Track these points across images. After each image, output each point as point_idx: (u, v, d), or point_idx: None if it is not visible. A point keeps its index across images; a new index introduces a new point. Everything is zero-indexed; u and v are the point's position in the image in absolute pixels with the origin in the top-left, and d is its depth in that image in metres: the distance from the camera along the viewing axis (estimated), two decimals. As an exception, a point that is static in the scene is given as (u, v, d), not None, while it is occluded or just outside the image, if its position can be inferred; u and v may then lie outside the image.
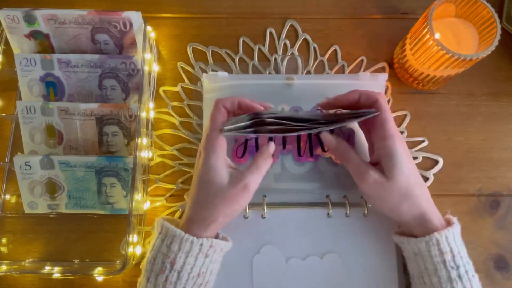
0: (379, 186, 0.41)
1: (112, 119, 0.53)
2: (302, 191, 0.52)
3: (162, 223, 0.42)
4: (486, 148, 0.56)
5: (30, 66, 0.54)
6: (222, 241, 0.42)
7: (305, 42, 0.60)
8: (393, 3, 0.61)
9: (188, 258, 0.39)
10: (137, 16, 0.53)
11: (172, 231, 0.40)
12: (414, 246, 0.42)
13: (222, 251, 0.43)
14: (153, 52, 0.58)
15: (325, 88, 0.53)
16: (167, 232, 0.41)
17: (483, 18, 0.50)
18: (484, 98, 0.58)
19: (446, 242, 0.40)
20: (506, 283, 0.52)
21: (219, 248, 0.42)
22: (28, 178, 0.52)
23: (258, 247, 0.50)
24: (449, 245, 0.40)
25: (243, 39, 0.60)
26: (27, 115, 0.53)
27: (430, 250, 0.40)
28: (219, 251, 0.42)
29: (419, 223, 0.42)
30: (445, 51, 0.47)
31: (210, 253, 0.41)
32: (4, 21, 0.53)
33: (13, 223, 0.54)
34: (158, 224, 0.42)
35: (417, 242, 0.41)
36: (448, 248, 0.40)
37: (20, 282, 0.52)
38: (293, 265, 0.49)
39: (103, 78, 0.54)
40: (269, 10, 0.61)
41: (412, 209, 0.42)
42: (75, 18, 0.53)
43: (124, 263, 0.45)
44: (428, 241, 0.40)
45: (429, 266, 0.41)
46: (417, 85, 0.57)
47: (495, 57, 0.56)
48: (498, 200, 0.55)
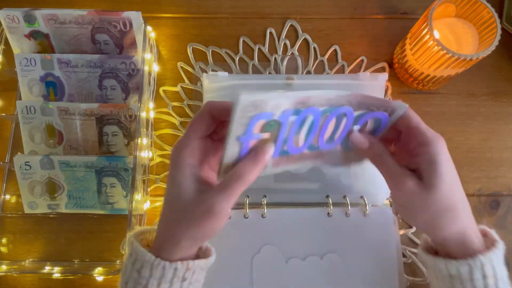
0: (417, 196, 0.36)
1: (112, 119, 0.53)
2: (302, 191, 0.52)
3: (132, 244, 0.36)
4: (486, 148, 0.56)
5: (30, 66, 0.54)
6: (201, 261, 0.37)
7: (305, 42, 0.60)
8: (393, 3, 0.61)
9: (161, 284, 0.35)
10: (137, 16, 0.53)
11: (141, 255, 0.35)
12: (452, 268, 0.37)
13: (203, 269, 0.38)
14: (153, 52, 0.58)
15: (325, 88, 0.53)
16: (136, 255, 0.36)
17: (483, 18, 0.50)
18: (484, 98, 0.58)
19: (490, 265, 0.36)
20: (506, 283, 0.52)
21: (199, 268, 0.37)
22: (28, 178, 0.52)
23: (258, 247, 0.50)
24: (494, 269, 0.36)
25: (243, 39, 0.60)
26: (27, 115, 0.53)
27: (472, 273, 0.36)
28: (198, 270, 0.37)
29: (459, 242, 0.37)
30: (445, 51, 0.47)
31: (188, 275, 0.36)
32: (4, 21, 0.53)
33: (13, 223, 0.54)
34: (128, 243, 0.37)
35: (459, 265, 0.36)
36: (492, 272, 0.36)
37: (20, 282, 0.52)
38: (293, 265, 0.49)
39: (103, 78, 0.54)
40: (269, 10, 0.61)
41: (452, 225, 0.36)
42: (75, 18, 0.53)
43: (124, 263, 0.45)
44: (471, 264, 0.36)
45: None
46: (417, 85, 0.57)
47: (495, 57, 0.56)
48: (498, 200, 0.55)
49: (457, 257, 0.37)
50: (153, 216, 0.54)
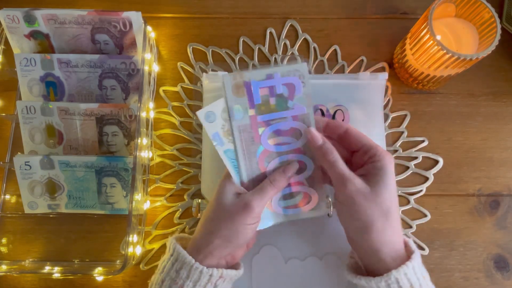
0: (362, 195, 0.39)
1: (112, 119, 0.53)
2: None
3: (175, 245, 0.41)
4: (486, 148, 0.56)
5: (30, 66, 0.54)
6: (232, 271, 0.42)
7: (305, 42, 0.60)
8: (393, 3, 0.61)
9: (196, 287, 0.39)
10: (137, 16, 0.53)
11: (182, 257, 0.40)
12: (373, 285, 0.39)
13: (231, 279, 0.43)
14: (153, 52, 0.58)
15: (325, 88, 0.53)
16: (177, 256, 0.40)
17: (483, 18, 0.50)
18: (484, 98, 0.58)
19: (405, 278, 0.38)
20: (506, 283, 0.52)
21: (229, 278, 0.41)
22: (28, 178, 0.52)
23: (257, 247, 0.50)
24: (409, 280, 0.38)
25: (243, 39, 0.60)
26: (27, 115, 0.53)
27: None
28: (228, 280, 0.42)
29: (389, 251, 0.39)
30: (445, 51, 0.47)
31: (219, 283, 0.40)
32: (4, 21, 0.53)
33: (13, 223, 0.54)
34: (170, 245, 0.42)
35: (377, 281, 0.39)
36: (408, 284, 0.38)
37: (20, 282, 0.52)
38: (293, 266, 0.49)
39: (103, 78, 0.54)
40: (269, 10, 0.61)
41: (386, 231, 0.39)
42: (75, 18, 0.53)
43: (124, 263, 0.45)
44: (386, 280, 0.38)
45: None
46: (417, 85, 0.57)
47: (495, 57, 0.57)
48: (498, 200, 0.55)
49: (375, 274, 0.39)
50: (153, 216, 0.54)
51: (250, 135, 0.42)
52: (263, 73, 0.41)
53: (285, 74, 0.41)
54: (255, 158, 0.43)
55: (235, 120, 0.41)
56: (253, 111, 0.42)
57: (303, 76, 0.41)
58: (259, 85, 0.41)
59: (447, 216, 0.54)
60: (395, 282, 0.38)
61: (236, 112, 0.41)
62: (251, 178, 0.43)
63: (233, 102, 0.41)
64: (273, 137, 0.43)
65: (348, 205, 0.40)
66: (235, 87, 0.41)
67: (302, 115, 0.42)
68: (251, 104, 0.41)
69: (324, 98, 0.53)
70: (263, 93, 0.41)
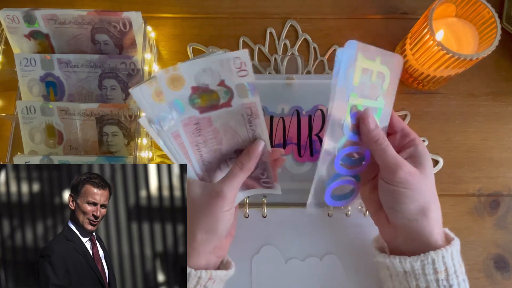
0: (416, 178, 0.39)
1: (112, 119, 0.53)
2: (302, 191, 0.52)
3: None
4: (486, 148, 0.56)
5: (30, 66, 0.54)
6: (222, 272, 0.41)
7: (305, 42, 0.60)
8: (393, 3, 0.61)
9: None
10: (137, 16, 0.53)
11: None
12: (407, 264, 0.40)
13: (222, 280, 0.42)
14: (153, 52, 0.58)
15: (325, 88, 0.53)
16: None
17: (483, 18, 0.50)
18: (484, 98, 0.58)
19: (442, 261, 0.39)
20: (506, 283, 0.52)
21: (219, 279, 0.41)
22: (28, 178, 0.52)
23: (257, 247, 0.50)
24: (445, 264, 0.39)
25: (243, 39, 0.60)
26: (27, 115, 0.53)
27: (424, 268, 0.39)
28: (218, 281, 0.41)
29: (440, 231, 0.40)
30: (445, 51, 0.47)
31: (209, 285, 0.40)
32: (4, 21, 0.53)
33: (13, 223, 0.54)
34: None
35: (412, 260, 0.39)
36: (443, 267, 0.39)
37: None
38: (292, 266, 0.49)
39: (103, 78, 0.54)
40: (269, 10, 0.61)
41: (438, 211, 0.40)
42: (75, 18, 0.53)
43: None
44: (423, 259, 0.39)
45: (421, 284, 0.39)
46: (417, 85, 0.57)
47: (495, 57, 0.56)
48: (498, 200, 0.55)
49: (409, 255, 0.40)
50: (153, 216, 0.54)
51: (193, 127, 0.41)
52: (198, 66, 0.37)
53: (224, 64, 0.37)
54: (203, 148, 0.42)
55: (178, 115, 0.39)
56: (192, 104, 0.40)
57: (245, 64, 0.37)
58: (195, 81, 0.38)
59: (447, 216, 0.54)
60: (430, 263, 0.38)
61: (177, 106, 0.39)
62: (203, 168, 0.43)
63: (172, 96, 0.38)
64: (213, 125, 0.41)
65: (404, 188, 0.39)
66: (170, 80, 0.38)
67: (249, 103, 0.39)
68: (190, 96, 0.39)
69: (324, 98, 0.53)
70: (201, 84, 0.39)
